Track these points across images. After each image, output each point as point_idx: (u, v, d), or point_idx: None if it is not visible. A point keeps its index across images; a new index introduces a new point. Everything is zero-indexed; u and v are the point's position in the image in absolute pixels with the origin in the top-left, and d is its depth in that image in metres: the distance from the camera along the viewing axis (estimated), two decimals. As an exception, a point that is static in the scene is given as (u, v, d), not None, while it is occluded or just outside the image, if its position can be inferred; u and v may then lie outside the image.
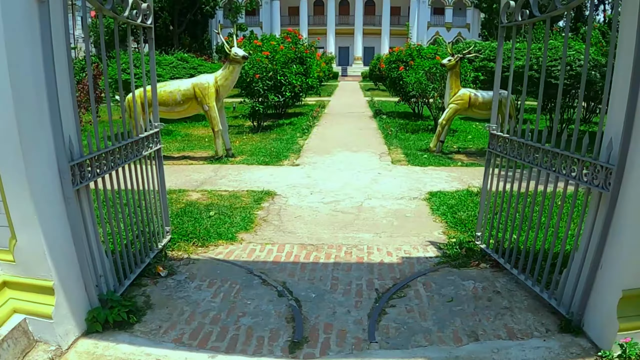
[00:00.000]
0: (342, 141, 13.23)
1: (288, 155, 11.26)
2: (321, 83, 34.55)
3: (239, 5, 47.43)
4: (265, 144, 12.78)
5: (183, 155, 11.71)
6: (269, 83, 14.20)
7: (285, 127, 15.49)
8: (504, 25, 5.33)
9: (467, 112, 11.57)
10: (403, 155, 11.34)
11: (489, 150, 5.75)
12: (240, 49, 10.63)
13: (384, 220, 6.98)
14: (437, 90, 14.04)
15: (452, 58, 11.31)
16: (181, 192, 8.39)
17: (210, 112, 10.64)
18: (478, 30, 58.59)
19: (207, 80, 10.69)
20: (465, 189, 8.40)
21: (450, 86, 11.35)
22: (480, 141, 13.59)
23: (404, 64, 17.28)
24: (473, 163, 10.57)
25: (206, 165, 10.48)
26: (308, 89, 17.71)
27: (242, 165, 10.38)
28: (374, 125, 16.37)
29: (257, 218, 7.03)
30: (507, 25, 5.29)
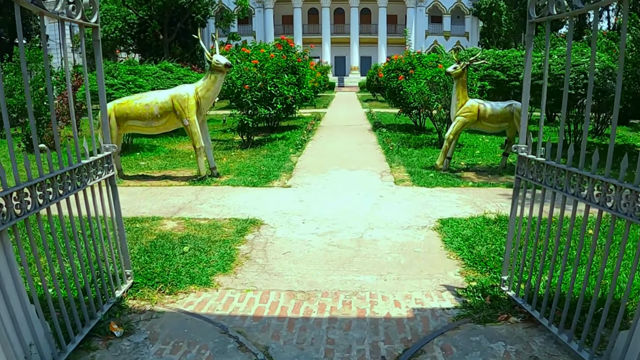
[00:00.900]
0: (339, 158, 12.15)
1: (279, 174, 10.15)
2: (317, 94, 33.51)
3: (230, 14, 46.45)
4: (255, 161, 11.69)
5: (164, 174, 10.62)
6: (258, 94, 13.14)
7: (278, 142, 14.38)
8: (533, 21, 4.29)
9: (475, 125, 10.50)
10: (407, 173, 10.24)
11: (517, 176, 4.67)
12: (223, 57, 9.58)
13: (388, 256, 5.87)
14: (441, 101, 12.97)
15: (458, 66, 10.26)
16: (155, 220, 7.29)
17: (190, 127, 9.57)
18: (477, 38, 57.87)
19: (186, 91, 9.62)
20: (481, 216, 7.29)
21: (456, 97, 10.29)
22: (489, 156, 12.52)
23: (403, 73, 16.23)
24: (485, 183, 9.48)
25: (187, 186, 9.38)
26: (302, 101, 16.64)
27: (226, 187, 9.27)
28: (373, 140, 15.27)
29: (238, 255, 5.92)
30: (537, 21, 4.24)
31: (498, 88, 16.61)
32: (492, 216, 7.18)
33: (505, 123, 10.47)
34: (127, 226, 6.90)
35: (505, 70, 17.09)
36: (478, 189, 9.04)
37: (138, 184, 9.66)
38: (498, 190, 8.94)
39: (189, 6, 42.77)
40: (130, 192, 9.04)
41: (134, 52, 50.42)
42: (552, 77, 13.00)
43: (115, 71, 13.70)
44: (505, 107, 10.41)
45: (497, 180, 9.90)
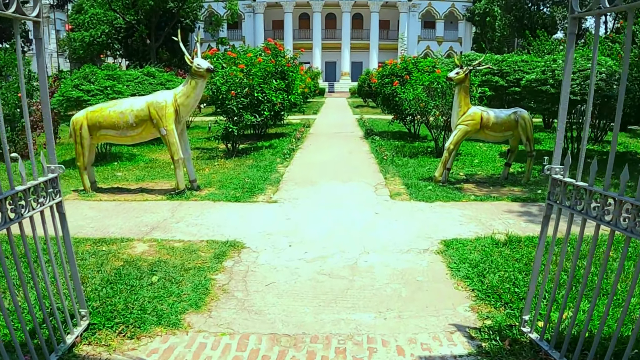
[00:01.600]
0: (329, 168, 11.36)
1: (264, 187, 9.34)
2: (306, 100, 32.80)
3: (219, 19, 45.69)
4: (239, 171, 10.88)
5: (141, 187, 9.82)
6: (244, 101, 12.33)
7: (264, 151, 13.57)
8: (576, 16, 3.53)
9: (478, 134, 9.76)
10: (403, 186, 9.46)
11: (549, 202, 3.90)
12: (205, 60, 8.79)
13: (387, 288, 5.09)
14: (439, 108, 12.22)
15: (460, 70, 9.51)
16: (124, 241, 6.49)
17: (168, 137, 8.76)
18: (470, 44, 57.40)
19: (164, 98, 8.82)
20: (489, 236, 6.52)
21: (458, 104, 9.54)
22: (489, 166, 11.79)
23: (398, 78, 15.47)
24: (488, 196, 8.72)
25: (164, 201, 8.56)
26: (291, 107, 15.85)
27: (207, 202, 8.46)
28: (365, 148, 14.49)
29: (214, 286, 5.12)
30: (580, 16, 3.50)
31: (497, 94, 15.92)
32: (501, 237, 6.42)
33: (509, 132, 9.76)
34: (93, 249, 6.12)
35: (504, 76, 16.41)
36: (481, 204, 8.28)
37: (111, 198, 8.84)
38: (503, 205, 8.19)
39: (177, 10, 42.01)
40: (101, 207, 8.23)
41: (120, 57, 49.60)
42: (556, 83, 12.33)
43: (93, 76, 12.87)
44: (509, 114, 9.69)
45: (499, 192, 9.16)
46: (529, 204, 8.29)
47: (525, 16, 45.25)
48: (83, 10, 47.49)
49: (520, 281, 5.10)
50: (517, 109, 9.98)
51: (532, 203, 8.36)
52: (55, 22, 57.59)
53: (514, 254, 5.87)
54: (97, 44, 44.30)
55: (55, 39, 58.29)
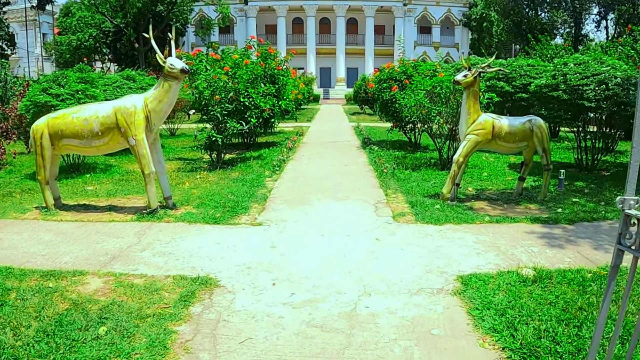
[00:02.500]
0: (323, 183, 10.21)
1: (249, 206, 8.18)
2: (300, 106, 31.67)
3: (210, 22, 44.61)
4: (222, 186, 9.75)
5: (111, 204, 8.71)
6: (229, 107, 11.20)
7: (252, 163, 12.39)
8: None
9: (489, 145, 8.69)
10: (407, 204, 8.32)
11: (619, 246, 2.77)
12: (179, 60, 7.70)
13: (395, 346, 3.98)
14: (443, 115, 11.14)
15: (469, 73, 8.44)
16: (77, 275, 5.37)
17: (137, 148, 7.65)
18: (467, 50, 56.51)
19: (133, 103, 7.71)
20: (514, 271, 5.41)
21: (467, 111, 8.46)
22: (499, 180, 10.72)
23: (398, 83, 14.37)
24: (504, 217, 7.60)
25: (132, 223, 7.43)
26: (282, 114, 14.73)
27: (181, 224, 7.31)
28: (363, 159, 13.33)
29: (175, 343, 4.01)
30: None
31: (502, 101, 14.86)
32: (529, 272, 5.30)
33: (524, 142, 8.70)
34: (38, 285, 5.03)
35: (510, 81, 15.34)
36: (498, 226, 7.17)
37: (74, 218, 7.72)
38: (522, 228, 7.10)
39: (167, 14, 40.90)
40: (60, 230, 7.11)
41: (109, 62, 48.48)
42: (568, 88, 11.28)
43: (63, 79, 11.71)
44: (524, 123, 8.64)
45: (515, 212, 8.09)
46: (551, 226, 7.20)
47: (523, 21, 44.31)
48: (71, 14, 46.46)
49: (562, 336, 3.99)
50: (531, 116, 8.93)
51: (554, 225, 7.29)
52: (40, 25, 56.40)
53: (546, 295, 4.78)
54: (84, 48, 43.20)
55: (42, 42, 57.12)
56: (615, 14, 35.57)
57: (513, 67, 15.76)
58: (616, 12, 35.87)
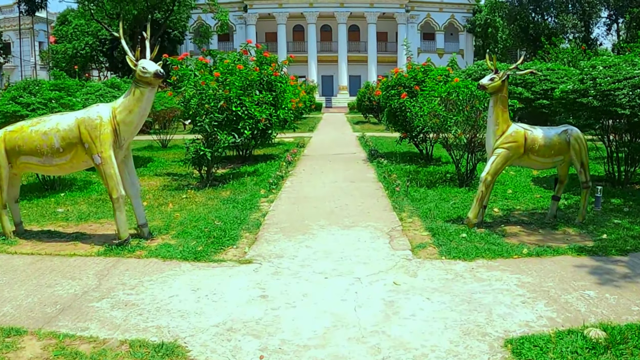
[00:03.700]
0: (326, 205, 8.83)
1: (238, 235, 6.82)
2: (301, 115, 30.39)
3: (209, 30, 43.50)
4: (210, 208, 8.44)
5: (79, 230, 7.44)
6: (219, 117, 9.89)
7: (246, 179, 11.01)
8: None
9: (520, 161, 7.41)
10: (426, 232, 6.98)
11: None
12: (152, 63, 6.45)
13: None
14: (460, 124, 9.85)
15: (496, 76, 7.15)
16: (11, 336, 4.20)
17: (103, 167, 6.39)
18: (472, 56, 55.35)
19: (98, 114, 6.46)
20: (577, 331, 4.10)
21: (494, 120, 7.18)
22: (526, 197, 9.44)
23: (406, 89, 13.07)
24: (544, 248, 6.26)
25: (96, 258, 6.13)
26: (282, 124, 13.42)
27: (154, 260, 5.99)
28: (371, 175, 11.92)
29: None
30: None
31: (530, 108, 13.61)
32: (598, 334, 3.98)
33: (560, 156, 7.43)
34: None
35: (529, 87, 14.04)
36: (540, 261, 5.86)
37: (32, 250, 6.48)
38: (568, 262, 5.82)
39: (164, 21, 39.83)
40: (9, 267, 5.88)
41: (106, 70, 47.54)
42: (599, 94, 10.01)
43: (35, 87, 10.47)
44: (559, 134, 7.38)
45: (554, 239, 6.80)
46: (602, 259, 5.90)
47: (530, 26, 43.21)
48: (67, 22, 45.61)
49: None
50: (567, 126, 7.66)
51: (604, 257, 6.00)
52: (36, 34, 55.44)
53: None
54: (80, 57, 42.33)
55: (39, 50, 56.17)
56: (627, 17, 34.34)
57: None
58: (627, 15, 34.67)
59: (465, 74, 15.93)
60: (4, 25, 54.08)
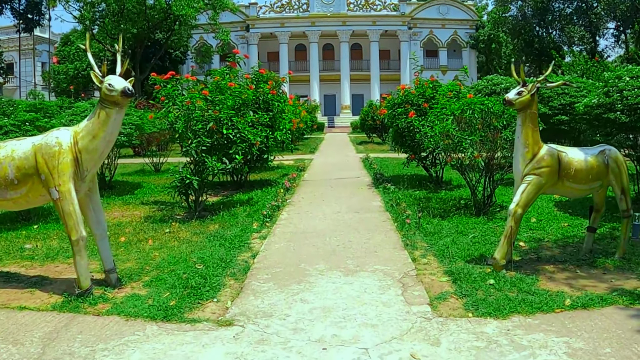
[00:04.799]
0: (327, 242, 7.64)
1: (219, 285, 5.66)
2: (303, 135, 29.39)
3: (210, 50, 42.76)
4: (194, 246, 7.34)
5: (42, 273, 6.39)
6: (208, 141, 8.83)
7: (239, 210, 9.89)
8: None
9: (554, 188, 6.35)
10: (446, 277, 5.84)
11: None
12: (121, 79, 5.43)
13: None
14: (477, 146, 8.79)
15: (524, 90, 6.13)
16: None
17: (61, 204, 5.37)
18: (475, 73, 54.47)
19: (57, 139, 5.45)
20: None
21: (523, 141, 6.13)
22: (552, 227, 8.37)
23: (414, 107, 12.01)
24: (591, 299, 5.13)
25: (49, 313, 5.08)
26: (278, 147, 12.35)
27: (115, 319, 4.89)
28: (377, 203, 10.72)
29: None
30: None
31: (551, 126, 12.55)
32: None
33: (598, 182, 6.41)
34: None
35: (545, 102, 12.97)
36: (588, 315, 4.78)
37: (-24, 300, 5.41)
38: (621, 315, 4.80)
39: (165, 41, 39.12)
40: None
41: (97, 89, 46.89)
42: (626, 108, 9.03)
43: (10, 107, 9.51)
44: (596, 155, 6.37)
45: (595, 280, 5.77)
46: None
47: (535, 40, 42.41)
48: (70, 42, 45.10)
49: None
50: (603, 146, 6.63)
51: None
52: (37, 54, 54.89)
53: None
54: (81, 77, 41.67)
55: (41, 71, 55.67)
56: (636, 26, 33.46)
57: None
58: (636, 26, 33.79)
59: (475, 90, 14.95)
60: (7, 45, 53.64)
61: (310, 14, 58.02)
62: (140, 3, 33.82)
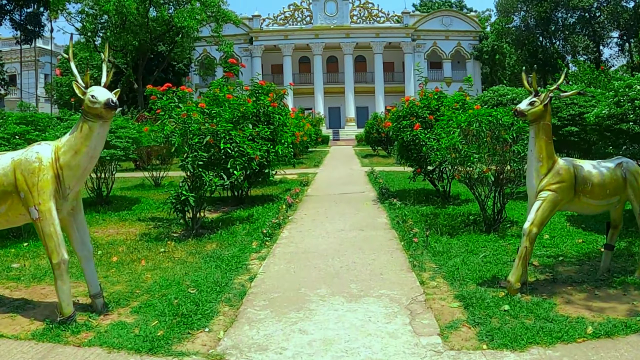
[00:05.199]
0: (330, 264, 7.15)
1: (213, 312, 5.23)
2: (307, 149, 29.03)
3: (213, 62, 42.59)
4: (188, 268, 6.93)
5: (26, 296, 6.03)
6: (204, 155, 8.45)
7: (238, 228, 9.45)
8: None
9: (570, 205, 5.96)
10: (456, 302, 5.41)
11: None
12: (105, 90, 5.08)
13: None
14: (485, 160, 8.40)
15: (536, 100, 5.77)
16: None
17: (41, 224, 4.99)
18: (480, 84, 54.18)
19: (38, 154, 5.08)
20: None
21: (537, 155, 5.75)
22: (566, 244, 8.00)
23: (420, 120, 11.62)
24: (616, 325, 4.71)
25: (27, 343, 4.70)
26: (280, 161, 11.95)
27: (97, 350, 4.49)
28: (383, 220, 10.25)
29: None
30: None
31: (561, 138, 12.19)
32: None
33: (615, 197, 6.02)
34: None
35: (554, 112, 12.58)
36: (613, 345, 4.39)
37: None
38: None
39: (168, 53, 38.96)
40: None
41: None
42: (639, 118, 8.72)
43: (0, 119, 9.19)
44: (613, 168, 5.99)
45: (616, 303, 5.37)
46: None
47: (539, 50, 42.12)
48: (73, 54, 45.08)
49: None
50: (620, 158, 6.25)
51: None
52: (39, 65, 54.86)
53: None
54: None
55: (44, 83, 55.65)
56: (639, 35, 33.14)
57: (557, 94, 13.09)
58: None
59: (481, 102, 14.58)
60: (10, 57, 53.68)
61: (314, 26, 57.87)
62: (142, 15, 33.65)
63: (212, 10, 36.04)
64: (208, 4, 35.57)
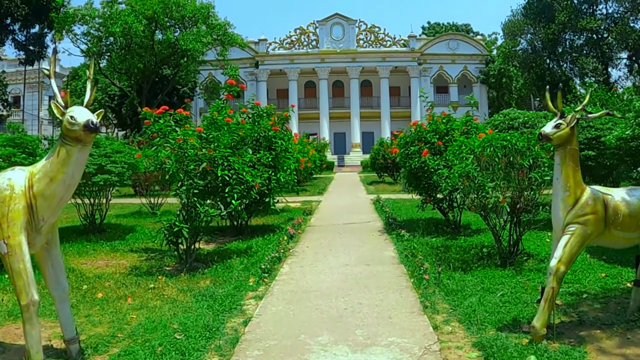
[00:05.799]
0: (333, 306, 6.46)
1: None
2: (311, 175, 28.45)
3: (218, 86, 42.37)
4: (177, 309, 6.31)
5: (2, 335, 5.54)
6: (200, 183, 7.90)
7: (235, 262, 8.80)
8: None
9: (599, 239, 5.38)
10: (476, 353, 4.76)
11: None
12: (86, 111, 4.60)
13: None
14: (501, 189, 7.82)
15: (562, 122, 5.21)
16: None
17: (10, 259, 4.45)
18: (487, 108, 53.79)
19: (9, 182, 4.55)
20: None
21: (564, 184, 5.18)
22: (589, 278, 7.45)
23: (428, 145, 11.07)
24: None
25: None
26: (281, 189, 11.39)
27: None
28: (390, 253, 9.55)
29: None
30: None
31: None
32: None
33: (646, 229, 5.34)
34: None
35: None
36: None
37: None
38: None
39: (173, 77, 38.75)
40: None
41: (114, 127, 46.51)
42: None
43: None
44: None
45: None
46: None
47: (546, 73, 41.72)
48: (78, 77, 44.92)
49: None
50: (647, 188, 5.63)
51: None
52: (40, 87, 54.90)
53: None
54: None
55: (48, 105, 55.77)
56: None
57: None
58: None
59: (491, 126, 14.06)
60: (14, 78, 53.79)
61: (320, 50, 57.75)
62: (148, 37, 33.46)
63: (217, 33, 35.84)
64: (214, 27, 35.38)
